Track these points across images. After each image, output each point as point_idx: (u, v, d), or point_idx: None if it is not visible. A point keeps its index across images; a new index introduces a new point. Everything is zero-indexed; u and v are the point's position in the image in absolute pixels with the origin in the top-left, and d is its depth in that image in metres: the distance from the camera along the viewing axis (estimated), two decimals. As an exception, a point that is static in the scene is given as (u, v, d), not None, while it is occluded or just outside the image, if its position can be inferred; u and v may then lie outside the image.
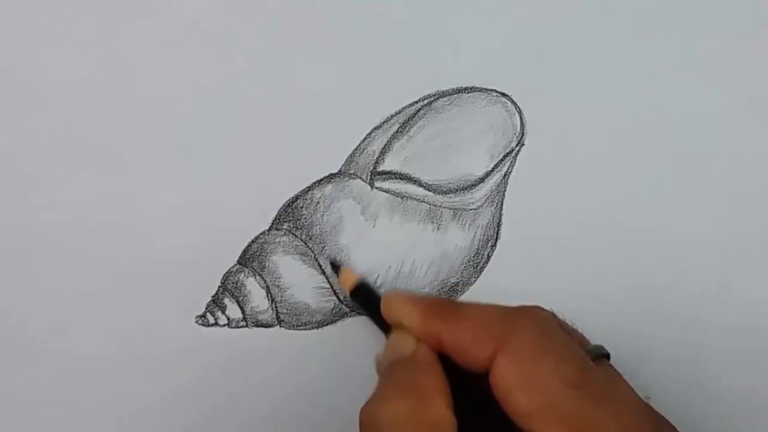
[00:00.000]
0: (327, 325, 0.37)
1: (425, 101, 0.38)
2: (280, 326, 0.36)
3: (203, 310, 0.36)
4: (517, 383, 0.27)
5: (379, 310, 0.33)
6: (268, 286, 0.36)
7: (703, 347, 0.37)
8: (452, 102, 0.38)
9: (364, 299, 0.35)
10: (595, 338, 0.31)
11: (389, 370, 0.30)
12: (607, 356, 0.30)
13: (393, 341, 0.31)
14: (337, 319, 0.37)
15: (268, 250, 0.36)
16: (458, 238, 0.37)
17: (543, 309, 0.30)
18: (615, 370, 0.29)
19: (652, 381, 0.31)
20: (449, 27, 0.39)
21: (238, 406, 0.36)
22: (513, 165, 0.38)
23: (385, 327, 0.33)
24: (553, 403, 0.27)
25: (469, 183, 0.37)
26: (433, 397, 0.28)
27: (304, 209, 0.37)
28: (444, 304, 0.31)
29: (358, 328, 0.36)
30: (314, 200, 0.37)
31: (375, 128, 0.38)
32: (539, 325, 0.29)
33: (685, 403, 0.35)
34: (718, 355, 0.36)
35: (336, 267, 0.36)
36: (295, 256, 0.36)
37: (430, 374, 0.29)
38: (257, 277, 0.36)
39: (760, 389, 0.36)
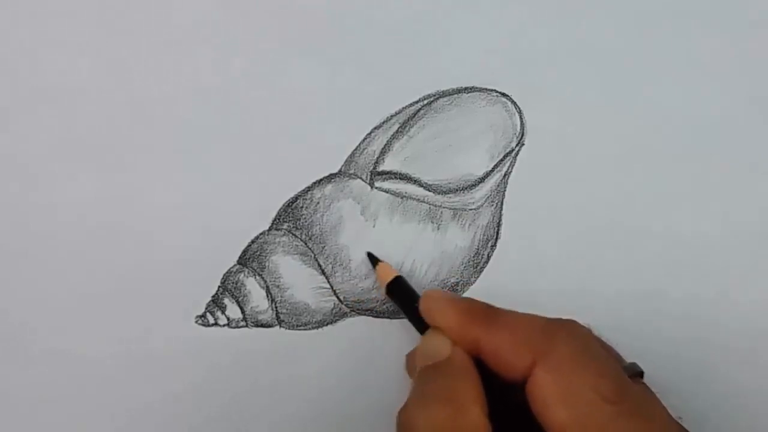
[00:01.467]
0: (327, 325, 0.37)
1: (425, 101, 0.38)
2: (280, 326, 0.36)
3: (203, 310, 0.36)
4: (554, 395, 0.27)
5: (414, 307, 0.33)
6: (268, 286, 0.36)
7: (703, 347, 0.37)
8: (452, 102, 0.38)
9: (400, 295, 0.34)
10: (595, 338, 0.31)
11: (426, 374, 0.30)
12: (641, 374, 0.30)
13: (428, 342, 0.31)
14: (337, 319, 0.37)
15: (268, 250, 0.36)
16: (458, 238, 0.37)
17: (579, 323, 0.30)
18: (649, 388, 0.29)
19: (652, 381, 0.31)
20: (449, 27, 0.39)
21: (238, 406, 0.36)
22: (513, 165, 0.38)
23: (420, 325, 0.32)
24: (590, 418, 0.27)
25: (469, 183, 0.37)
26: (470, 404, 0.28)
27: (304, 209, 0.37)
28: (484, 309, 0.31)
29: (358, 328, 0.36)
30: (314, 200, 0.37)
31: (375, 128, 0.38)
32: (579, 339, 0.29)
33: (686, 402, 0.35)
34: (718, 355, 0.36)
35: (374, 261, 0.36)
36: (295, 256, 0.36)
37: (467, 381, 0.29)
38: (257, 277, 0.36)
39: (761, 390, 0.36)
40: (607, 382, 0.27)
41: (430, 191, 0.37)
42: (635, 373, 0.30)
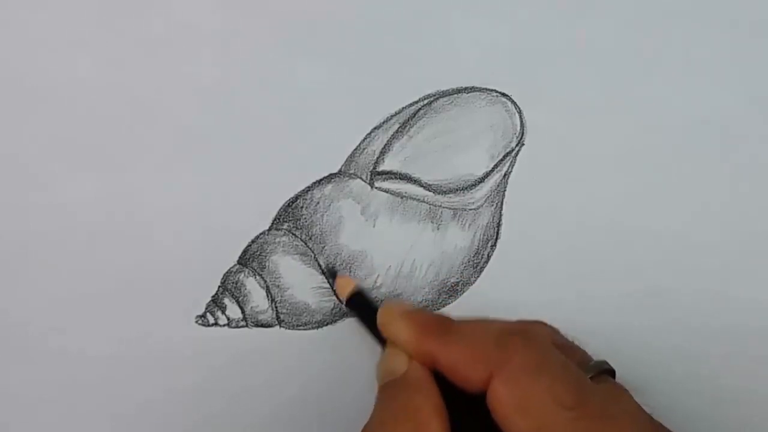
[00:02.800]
0: (327, 325, 0.37)
1: (425, 101, 0.38)
2: (280, 326, 0.36)
3: (203, 310, 0.36)
4: (513, 406, 0.27)
5: (374, 320, 0.32)
6: (268, 286, 0.36)
7: (703, 347, 0.37)
8: (452, 102, 0.38)
9: (361, 309, 0.34)
10: (594, 339, 0.31)
11: (385, 392, 0.30)
12: (611, 372, 0.30)
13: (386, 358, 0.31)
14: (337, 319, 0.37)
15: (268, 250, 0.36)
16: (458, 238, 0.37)
17: (543, 325, 0.30)
18: (618, 386, 0.29)
19: (652, 381, 0.31)
20: (449, 27, 0.39)
21: (238, 406, 0.36)
22: (513, 165, 0.38)
23: (381, 338, 0.32)
24: (549, 426, 0.27)
25: (469, 183, 0.37)
26: (429, 419, 0.28)
27: (304, 209, 0.37)
28: (439, 322, 0.31)
29: (358, 328, 0.36)
30: (314, 200, 0.37)
31: (375, 128, 0.38)
32: (534, 346, 0.29)
33: (685, 403, 0.35)
34: (718, 355, 0.36)
35: (333, 273, 0.36)
36: (295, 256, 0.36)
37: (425, 396, 0.29)
38: (257, 277, 0.36)
39: (761, 390, 0.36)
40: (564, 388, 0.27)
41: (430, 191, 0.37)
42: (603, 371, 0.30)
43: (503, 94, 0.38)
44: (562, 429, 0.27)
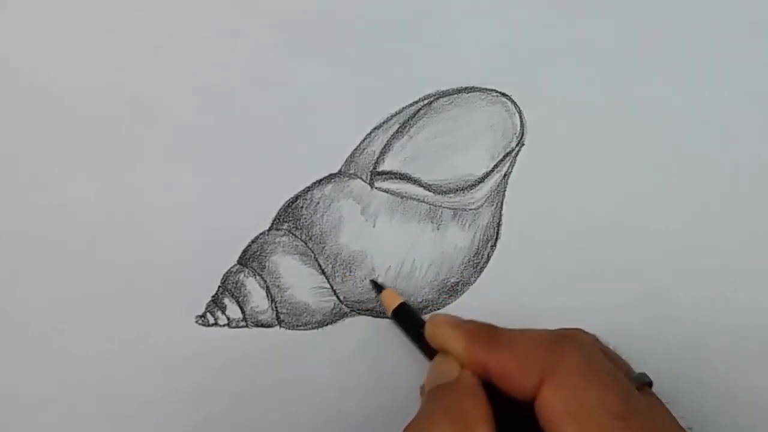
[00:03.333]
0: (327, 325, 0.37)
1: (425, 101, 0.38)
2: (280, 326, 0.36)
3: (203, 310, 0.36)
4: (562, 413, 0.27)
5: (420, 332, 0.33)
6: (268, 286, 0.36)
7: (704, 347, 0.37)
8: (452, 102, 0.38)
9: (406, 322, 0.35)
10: (595, 338, 0.31)
11: (434, 394, 0.30)
12: (650, 384, 0.30)
13: (437, 366, 0.31)
14: (337, 319, 0.37)
15: (268, 250, 0.36)
16: (458, 238, 0.37)
17: (585, 333, 0.30)
18: (658, 399, 0.29)
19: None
20: (449, 27, 0.39)
21: (238, 406, 0.36)
22: (513, 165, 0.38)
23: (426, 350, 0.33)
24: None
25: (469, 183, 0.37)
26: (478, 423, 0.28)
27: (304, 209, 0.37)
28: (488, 331, 0.31)
29: (358, 328, 0.36)
30: (314, 200, 0.37)
31: (375, 128, 0.38)
32: (584, 353, 0.29)
33: (686, 403, 0.35)
34: (719, 355, 0.36)
35: (378, 288, 0.36)
36: (295, 256, 0.36)
37: (474, 401, 0.29)
38: (257, 277, 0.36)
39: (762, 390, 0.36)
40: (614, 397, 0.27)
41: (430, 191, 0.37)
42: (643, 384, 0.30)
43: (503, 94, 0.38)
44: None
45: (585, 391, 0.28)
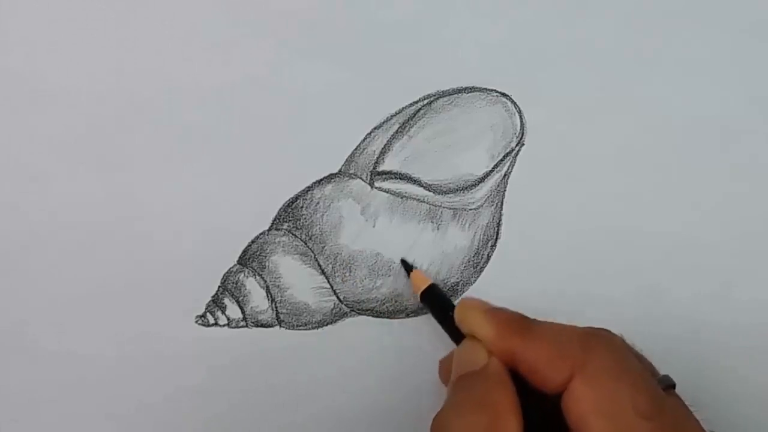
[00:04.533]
0: (327, 325, 0.37)
1: (425, 101, 0.38)
2: (280, 326, 0.36)
3: (203, 310, 0.36)
4: (591, 409, 0.27)
5: (448, 315, 0.33)
6: (268, 286, 0.36)
7: (703, 347, 0.37)
8: (452, 102, 0.38)
9: (435, 303, 0.34)
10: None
11: (463, 382, 0.30)
12: (673, 386, 0.30)
13: (465, 351, 0.31)
14: (337, 319, 0.37)
15: (268, 250, 0.36)
16: (458, 238, 0.37)
17: (614, 333, 0.30)
18: (682, 401, 0.29)
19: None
20: (449, 27, 0.39)
21: (238, 406, 0.36)
22: (513, 165, 0.38)
23: (454, 333, 0.32)
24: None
25: (469, 183, 0.37)
26: (507, 414, 0.28)
27: (304, 209, 0.37)
28: (520, 320, 0.31)
29: (358, 328, 0.36)
30: (314, 200, 0.37)
31: (375, 128, 0.38)
32: (615, 351, 0.29)
33: (685, 402, 0.35)
34: (719, 355, 0.36)
35: (408, 268, 0.36)
36: (295, 256, 0.36)
37: (504, 391, 0.28)
38: (257, 277, 0.36)
39: (761, 389, 0.36)
40: (643, 396, 0.27)
41: (430, 191, 0.37)
42: (668, 386, 0.30)
43: (503, 94, 0.38)
44: None
45: (616, 389, 0.27)
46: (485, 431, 0.27)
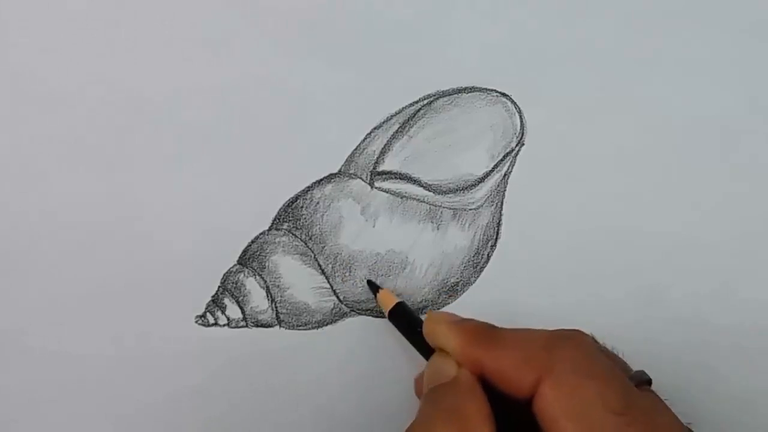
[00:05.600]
0: (327, 325, 0.37)
1: (425, 101, 0.38)
2: (280, 326, 0.36)
3: (203, 310, 0.36)
4: (561, 411, 0.27)
5: (417, 332, 0.33)
6: (268, 286, 0.36)
7: (703, 347, 0.37)
8: (452, 102, 0.38)
9: (403, 321, 0.35)
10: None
11: (432, 395, 0.30)
12: (649, 382, 0.30)
13: (434, 365, 0.31)
14: (337, 319, 0.37)
15: (268, 250, 0.36)
16: (458, 238, 0.37)
17: (583, 333, 0.30)
18: (657, 396, 0.29)
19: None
20: (449, 27, 0.39)
21: (237, 405, 0.36)
22: (513, 165, 0.38)
23: (424, 350, 0.33)
24: (597, 430, 0.27)
25: (469, 183, 0.37)
26: (479, 423, 0.28)
27: (304, 209, 0.37)
28: (486, 329, 0.31)
29: (358, 328, 0.36)
30: (314, 200, 0.37)
31: (375, 128, 0.38)
32: (582, 352, 0.29)
33: (685, 402, 0.35)
34: (719, 355, 0.36)
35: (374, 288, 0.36)
36: (295, 256, 0.36)
37: (474, 400, 0.29)
38: (257, 277, 0.36)
39: (761, 389, 0.36)
40: (613, 393, 0.27)
41: (430, 191, 0.37)
42: (642, 381, 0.30)
43: (503, 94, 0.38)
44: None
45: (583, 388, 0.27)
46: None
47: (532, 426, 0.28)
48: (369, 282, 0.36)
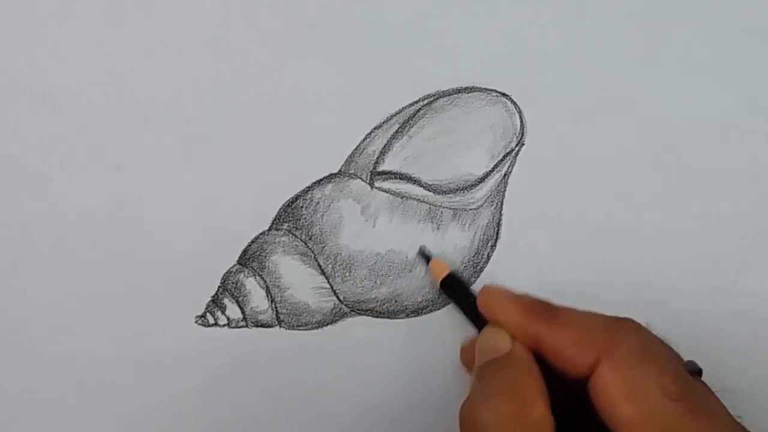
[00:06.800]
0: (327, 325, 0.37)
1: (425, 101, 0.38)
2: (280, 326, 0.36)
3: (203, 310, 0.36)
4: (619, 392, 0.27)
5: (469, 302, 0.33)
6: (267, 286, 0.36)
7: (703, 347, 0.36)
8: (452, 102, 0.38)
9: (455, 290, 0.35)
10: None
11: (488, 368, 0.30)
12: (700, 372, 0.30)
13: (488, 337, 0.31)
14: (337, 319, 0.37)
15: (268, 250, 0.36)
16: (458, 238, 0.37)
17: (638, 322, 0.30)
18: (709, 387, 0.29)
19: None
20: (449, 27, 0.39)
21: (238, 405, 0.36)
22: (513, 165, 0.38)
23: (476, 320, 0.32)
24: (656, 415, 0.27)
25: (469, 183, 0.37)
26: (535, 399, 0.28)
27: (304, 209, 0.37)
28: (544, 305, 0.31)
29: (358, 328, 0.36)
30: (314, 200, 0.37)
31: (375, 128, 0.38)
32: (641, 336, 0.29)
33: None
34: (718, 354, 0.36)
35: (426, 257, 0.36)
36: (295, 256, 0.36)
37: (530, 376, 0.29)
38: (257, 277, 0.36)
39: (760, 389, 0.36)
40: (671, 379, 0.28)
41: (430, 191, 0.37)
42: (694, 371, 0.30)
43: (503, 94, 0.38)
44: (668, 419, 0.27)
45: (643, 373, 0.28)
46: (513, 416, 0.27)
47: (584, 405, 0.28)
48: (421, 250, 0.36)
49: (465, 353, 0.34)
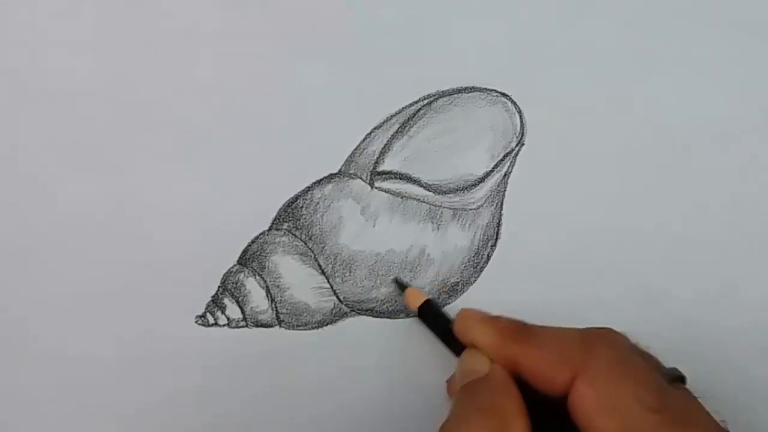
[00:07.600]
0: (327, 325, 0.37)
1: (425, 101, 0.38)
2: (280, 326, 0.36)
3: (203, 310, 0.36)
4: (597, 407, 0.28)
5: (446, 329, 0.33)
6: (267, 286, 0.36)
7: (703, 347, 0.37)
8: (452, 102, 0.38)
9: (432, 319, 0.35)
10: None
11: (466, 391, 0.30)
12: (683, 379, 0.30)
13: (467, 361, 0.31)
14: (337, 319, 0.37)
15: (268, 250, 0.36)
16: (458, 238, 0.37)
17: (616, 332, 0.30)
18: (691, 393, 0.29)
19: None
20: (449, 27, 0.39)
21: (237, 405, 0.36)
22: (513, 165, 0.38)
23: (454, 347, 0.33)
24: (633, 428, 0.27)
25: (469, 183, 0.37)
26: (513, 418, 0.28)
27: (304, 209, 0.37)
28: (519, 327, 0.31)
29: (358, 328, 0.36)
30: (314, 200, 0.37)
31: (375, 128, 0.38)
32: (616, 349, 0.29)
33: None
34: (718, 354, 0.36)
35: (402, 286, 0.36)
36: (295, 256, 0.36)
37: (508, 396, 0.29)
38: (257, 277, 0.36)
39: (760, 389, 0.36)
40: (648, 391, 0.28)
41: (430, 191, 0.37)
42: (675, 378, 0.30)
43: (503, 94, 0.38)
44: (645, 431, 0.27)
45: (619, 386, 0.28)
46: None
47: (563, 422, 0.28)
48: (396, 280, 0.36)
49: (450, 385, 0.35)
